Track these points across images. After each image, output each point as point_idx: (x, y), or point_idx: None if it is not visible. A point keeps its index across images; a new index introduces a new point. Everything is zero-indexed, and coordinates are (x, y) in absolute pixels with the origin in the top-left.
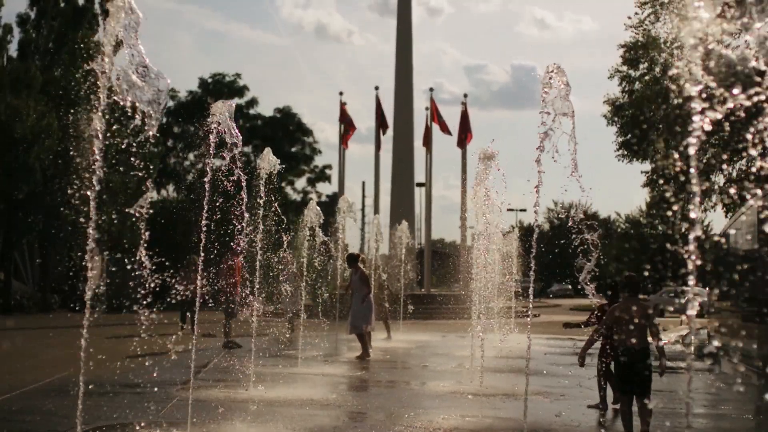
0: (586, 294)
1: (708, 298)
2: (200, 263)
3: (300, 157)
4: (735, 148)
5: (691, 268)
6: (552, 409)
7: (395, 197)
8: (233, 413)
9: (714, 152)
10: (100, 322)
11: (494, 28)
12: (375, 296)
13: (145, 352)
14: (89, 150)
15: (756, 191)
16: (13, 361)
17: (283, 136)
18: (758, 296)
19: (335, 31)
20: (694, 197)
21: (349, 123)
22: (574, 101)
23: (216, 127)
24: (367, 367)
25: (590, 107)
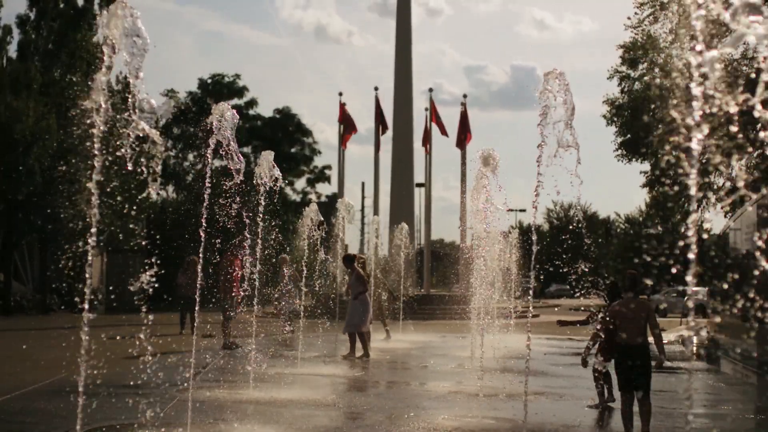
0: (585, 295)
1: (708, 298)
2: (200, 264)
3: (299, 157)
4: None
5: (691, 268)
6: (552, 409)
7: (395, 198)
8: (233, 414)
9: (714, 151)
10: (99, 323)
11: (494, 28)
12: (376, 296)
13: (144, 352)
14: (90, 149)
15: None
16: (12, 362)
17: (282, 136)
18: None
19: (335, 32)
20: (692, 199)
21: (349, 124)
22: (574, 102)
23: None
24: (367, 367)
25: (590, 108)
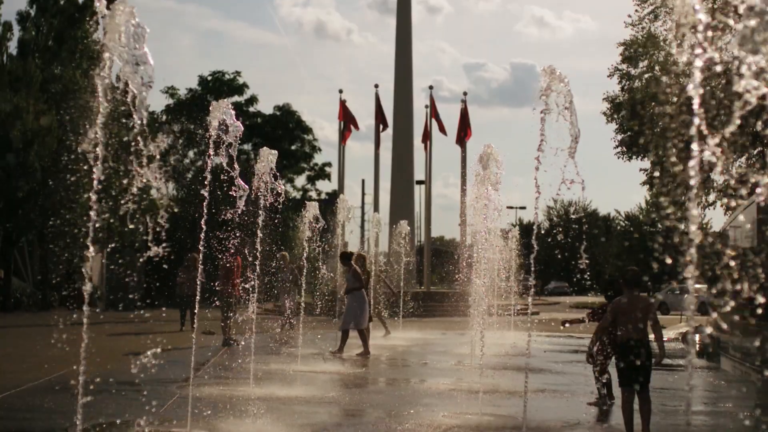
0: (584, 291)
1: (708, 296)
2: (200, 261)
3: (300, 154)
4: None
5: (692, 265)
6: (552, 406)
7: (395, 195)
8: (233, 410)
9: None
10: (99, 320)
11: (494, 26)
12: (374, 293)
13: (144, 349)
14: (90, 145)
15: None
16: (12, 359)
17: (282, 134)
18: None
19: (334, 30)
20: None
21: (350, 120)
22: (574, 100)
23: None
24: (367, 364)
25: (589, 106)
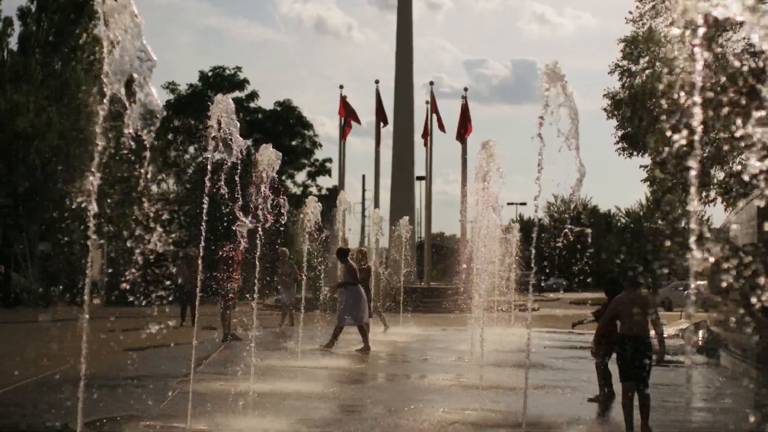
0: (581, 288)
1: (708, 292)
2: (200, 257)
3: (300, 150)
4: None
5: (692, 263)
6: (552, 402)
7: (395, 191)
8: (233, 406)
9: (714, 147)
10: (100, 315)
11: (494, 22)
12: (375, 290)
13: (144, 344)
14: (92, 140)
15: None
16: (12, 355)
17: (283, 129)
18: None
19: (335, 26)
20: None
21: (351, 115)
22: (574, 97)
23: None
24: (367, 360)
25: (590, 103)
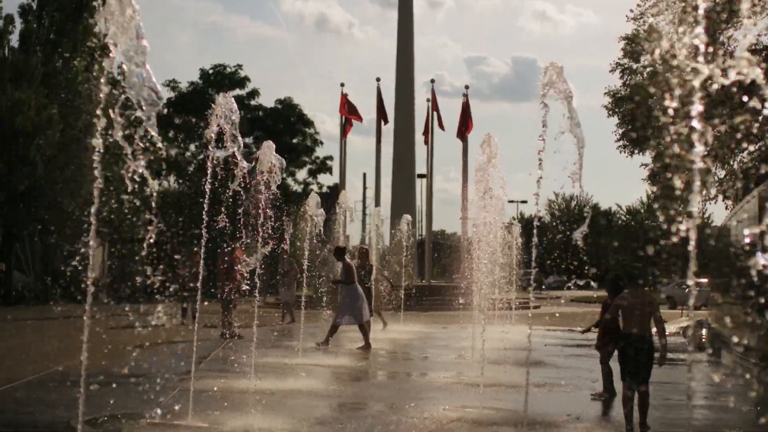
0: (582, 286)
1: (709, 290)
2: (201, 255)
3: (301, 148)
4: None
5: (692, 261)
6: (553, 399)
7: (396, 189)
8: (234, 403)
9: (714, 144)
10: (101, 313)
11: (495, 20)
12: (376, 288)
13: (145, 342)
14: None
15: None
16: (14, 353)
17: (284, 127)
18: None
19: (336, 24)
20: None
21: (353, 112)
22: (574, 95)
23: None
24: (368, 357)
25: (591, 101)
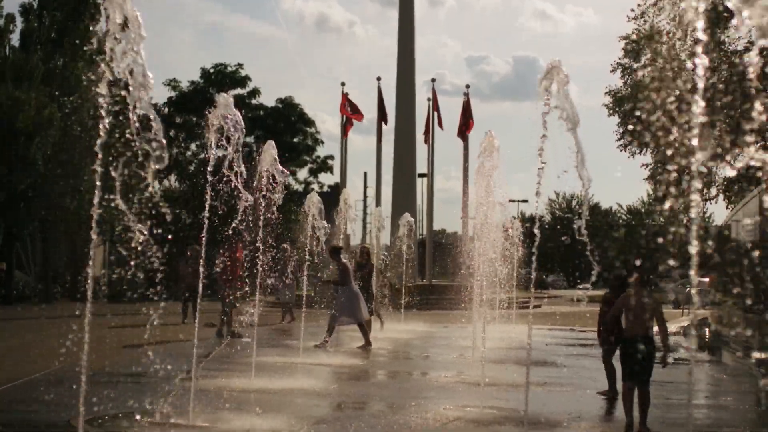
0: (581, 286)
1: (710, 289)
2: (202, 253)
3: (302, 147)
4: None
5: (693, 260)
6: (553, 399)
7: (397, 188)
8: (234, 402)
9: (715, 143)
10: (101, 312)
11: (496, 19)
12: (378, 287)
13: (146, 341)
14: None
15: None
16: (14, 352)
17: (284, 126)
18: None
19: (336, 23)
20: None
21: (354, 110)
22: (575, 94)
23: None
24: (369, 357)
25: (590, 99)
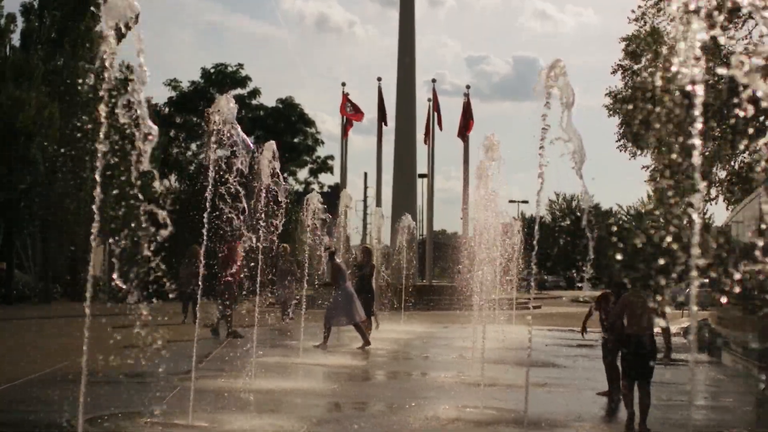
0: (581, 287)
1: (710, 291)
2: (202, 253)
3: (302, 147)
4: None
5: (693, 261)
6: (553, 399)
7: (397, 189)
8: (235, 403)
9: (716, 144)
10: (101, 312)
11: (496, 19)
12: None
13: (146, 341)
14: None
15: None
16: (14, 352)
17: (285, 126)
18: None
19: (336, 23)
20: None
21: (355, 110)
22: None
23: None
24: (368, 357)
25: (591, 101)
